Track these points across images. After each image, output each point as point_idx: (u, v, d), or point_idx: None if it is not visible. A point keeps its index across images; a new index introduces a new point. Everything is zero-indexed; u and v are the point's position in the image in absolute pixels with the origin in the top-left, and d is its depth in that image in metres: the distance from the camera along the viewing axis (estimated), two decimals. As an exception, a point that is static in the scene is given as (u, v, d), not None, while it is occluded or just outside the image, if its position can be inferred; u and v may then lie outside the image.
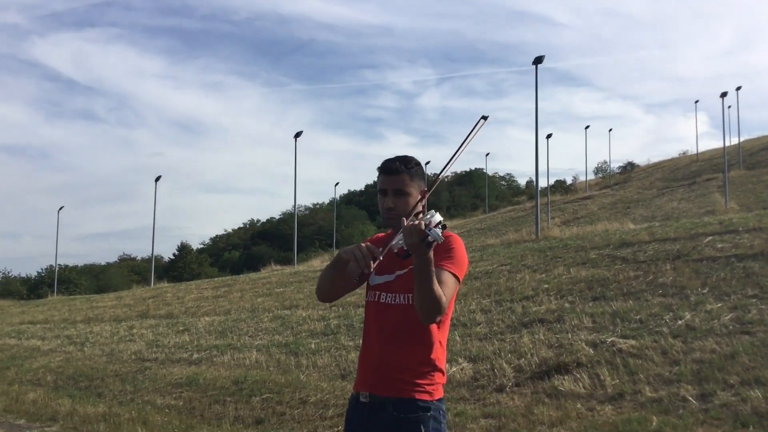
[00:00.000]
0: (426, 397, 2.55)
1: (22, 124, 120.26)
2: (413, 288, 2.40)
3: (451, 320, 2.77)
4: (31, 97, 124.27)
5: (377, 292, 2.69)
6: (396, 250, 2.45)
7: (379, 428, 2.56)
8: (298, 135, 26.74)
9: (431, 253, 2.28)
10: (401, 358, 2.57)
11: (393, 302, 2.62)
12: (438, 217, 2.35)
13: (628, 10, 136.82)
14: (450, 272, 2.50)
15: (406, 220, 2.32)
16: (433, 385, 2.57)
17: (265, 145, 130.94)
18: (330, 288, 2.73)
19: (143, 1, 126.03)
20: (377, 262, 2.41)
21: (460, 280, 2.55)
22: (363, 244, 2.47)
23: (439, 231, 2.24)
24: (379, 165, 2.70)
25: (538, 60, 19.05)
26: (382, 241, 2.67)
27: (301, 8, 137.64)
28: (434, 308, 2.36)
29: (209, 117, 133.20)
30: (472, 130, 2.49)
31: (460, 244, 2.61)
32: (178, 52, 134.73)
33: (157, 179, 31.62)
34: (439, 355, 2.60)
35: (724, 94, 30.05)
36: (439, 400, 2.59)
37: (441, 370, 2.61)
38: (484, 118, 2.49)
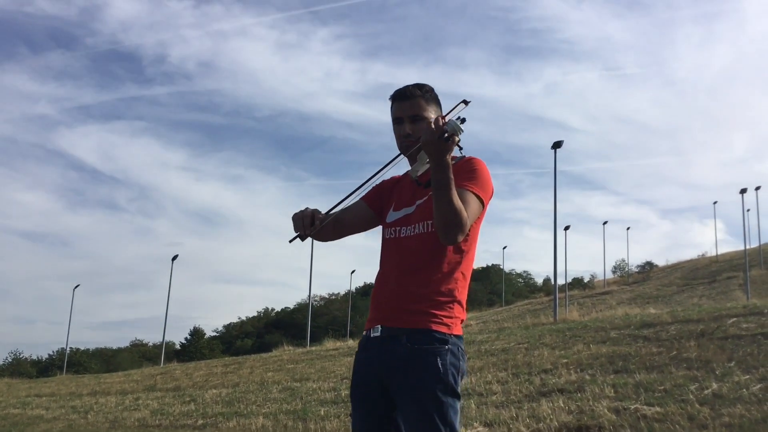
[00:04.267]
0: (444, 329, 2.31)
1: (44, 212, 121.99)
2: (433, 213, 2.24)
3: (468, 376, 2.59)
4: (55, 185, 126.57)
5: (396, 228, 2.52)
6: (416, 177, 2.31)
7: (391, 362, 2.31)
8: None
9: (449, 157, 2.12)
10: (418, 286, 2.35)
11: (412, 233, 2.44)
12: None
13: (641, 118, 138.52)
14: (472, 192, 2.33)
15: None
16: (451, 318, 2.34)
17: (282, 237, 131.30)
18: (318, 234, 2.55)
19: (170, 97, 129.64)
20: (316, 228, 2.36)
21: (485, 203, 2.37)
22: (309, 208, 2.40)
23: (457, 121, 2.09)
24: (391, 94, 2.57)
25: (557, 144, 19.21)
26: (397, 181, 2.54)
27: (321, 107, 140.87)
28: (454, 223, 2.17)
29: (228, 209, 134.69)
30: (450, 111, 2.37)
31: (483, 166, 2.44)
32: (201, 146, 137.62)
33: (174, 258, 31.75)
34: (460, 286, 2.38)
35: (743, 191, 30.03)
36: (458, 337, 2.36)
37: (461, 304, 2.38)
38: (465, 102, 2.36)
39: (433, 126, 2.09)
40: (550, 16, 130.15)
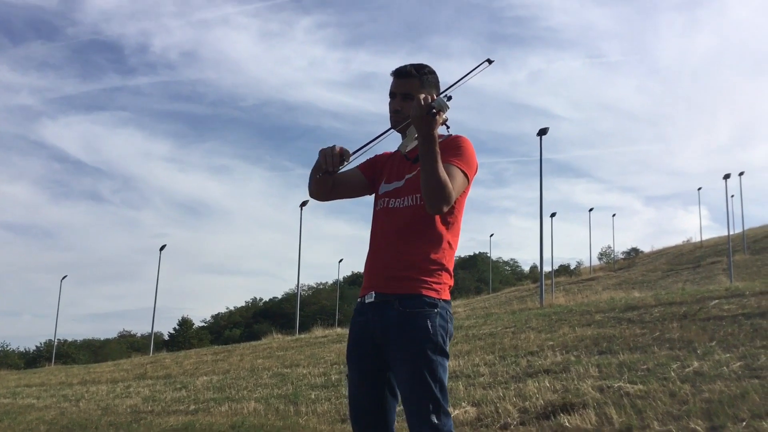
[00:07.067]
0: (433, 294, 2.48)
1: (27, 203, 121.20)
2: (420, 184, 2.40)
3: (453, 360, 2.72)
4: (39, 176, 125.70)
5: (386, 199, 2.68)
6: (405, 152, 2.46)
7: (385, 325, 2.48)
8: (303, 204, 27.07)
9: (436, 132, 2.29)
10: (408, 254, 2.52)
11: (401, 206, 2.61)
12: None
13: (625, 105, 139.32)
14: (457, 167, 2.50)
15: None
16: (440, 284, 2.51)
17: (269, 228, 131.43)
18: (317, 187, 2.70)
19: (153, 87, 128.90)
20: (345, 165, 2.47)
21: (470, 178, 2.53)
22: (337, 147, 2.51)
23: (444, 98, 2.26)
24: (392, 70, 2.71)
25: (542, 131, 19.38)
26: (390, 156, 2.68)
27: (306, 96, 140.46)
28: (440, 193, 2.33)
29: (214, 199, 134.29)
30: (473, 70, 2.45)
31: (468, 144, 2.61)
32: (185, 136, 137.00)
33: (162, 248, 31.75)
34: (448, 255, 2.55)
35: (727, 176, 30.33)
36: (446, 301, 2.53)
37: (449, 271, 2.56)
38: (489, 61, 2.46)
39: (421, 102, 2.25)
40: (533, 4, 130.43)
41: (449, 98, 2.29)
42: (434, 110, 2.22)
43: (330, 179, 2.63)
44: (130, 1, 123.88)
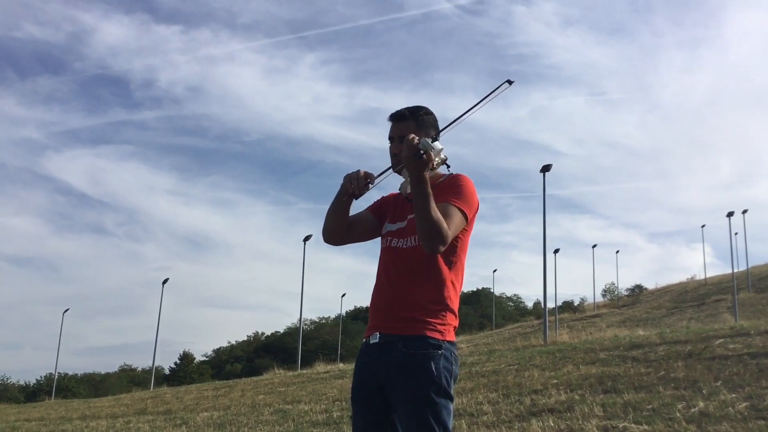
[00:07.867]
0: (437, 335, 2.47)
1: (31, 236, 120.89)
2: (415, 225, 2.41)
3: (458, 386, 2.69)
4: (43, 209, 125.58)
5: (389, 238, 2.69)
6: (406, 194, 2.48)
7: (389, 366, 2.47)
8: (307, 239, 27.14)
9: (426, 173, 2.31)
10: (412, 295, 2.51)
11: (405, 246, 2.61)
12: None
13: (627, 142, 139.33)
14: (455, 206, 2.51)
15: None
16: (444, 325, 2.50)
17: (271, 261, 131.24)
18: (335, 224, 2.67)
19: (158, 121, 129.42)
20: (369, 189, 2.49)
21: (469, 217, 2.54)
22: (361, 170, 2.53)
23: (428, 140, 2.29)
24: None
25: (545, 168, 19.46)
26: (395, 196, 2.70)
27: (310, 131, 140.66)
28: (433, 233, 2.34)
29: (216, 233, 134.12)
30: (493, 92, 2.44)
31: (468, 183, 2.62)
32: (189, 170, 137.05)
33: (165, 282, 31.74)
34: (452, 295, 2.55)
35: (730, 214, 30.30)
36: (451, 342, 2.52)
37: (453, 312, 2.55)
38: (509, 82, 2.43)
39: (408, 144, 2.29)
40: (536, 42, 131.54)
41: (435, 139, 2.33)
42: (421, 152, 2.26)
43: (348, 218, 2.65)
44: (136, 37, 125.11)
